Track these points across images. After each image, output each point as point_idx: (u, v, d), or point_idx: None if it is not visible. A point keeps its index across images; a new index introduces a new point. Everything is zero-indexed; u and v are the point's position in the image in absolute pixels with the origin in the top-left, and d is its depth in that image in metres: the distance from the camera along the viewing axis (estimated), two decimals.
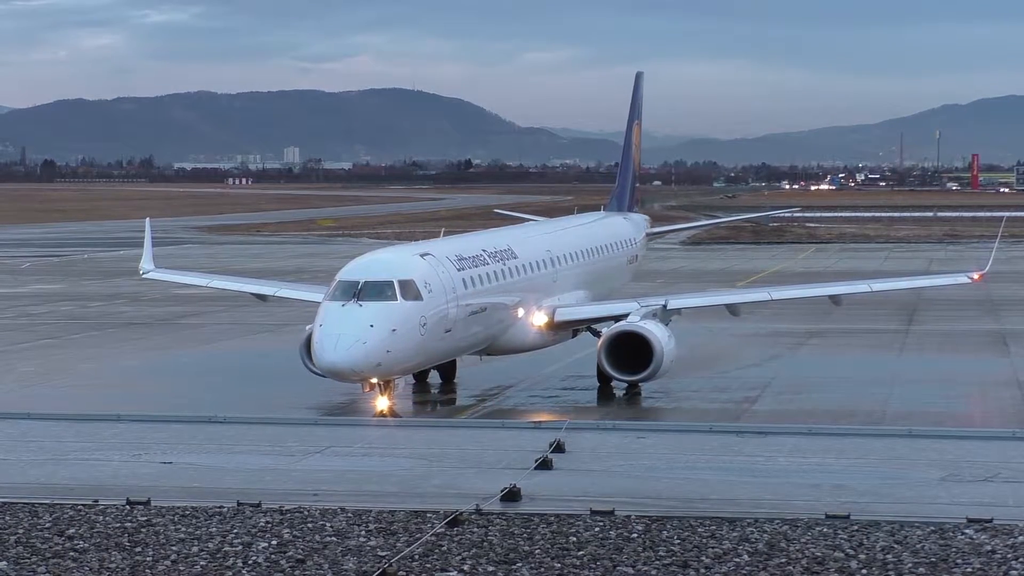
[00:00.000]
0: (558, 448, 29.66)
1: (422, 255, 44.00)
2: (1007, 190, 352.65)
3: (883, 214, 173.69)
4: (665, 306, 50.41)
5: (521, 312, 49.12)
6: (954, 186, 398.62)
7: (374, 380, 40.46)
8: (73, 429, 33.68)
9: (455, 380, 51.54)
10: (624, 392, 49.20)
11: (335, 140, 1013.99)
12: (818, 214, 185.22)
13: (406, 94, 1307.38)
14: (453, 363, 51.58)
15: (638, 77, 72.20)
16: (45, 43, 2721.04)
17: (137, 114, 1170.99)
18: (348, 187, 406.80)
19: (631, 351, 47.04)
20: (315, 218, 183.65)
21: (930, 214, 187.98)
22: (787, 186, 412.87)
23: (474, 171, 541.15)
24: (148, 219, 61.46)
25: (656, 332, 47.29)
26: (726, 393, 50.59)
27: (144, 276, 59.11)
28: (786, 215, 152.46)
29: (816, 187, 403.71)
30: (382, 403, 40.66)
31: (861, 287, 57.36)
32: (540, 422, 36.01)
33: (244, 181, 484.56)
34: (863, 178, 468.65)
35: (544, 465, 28.35)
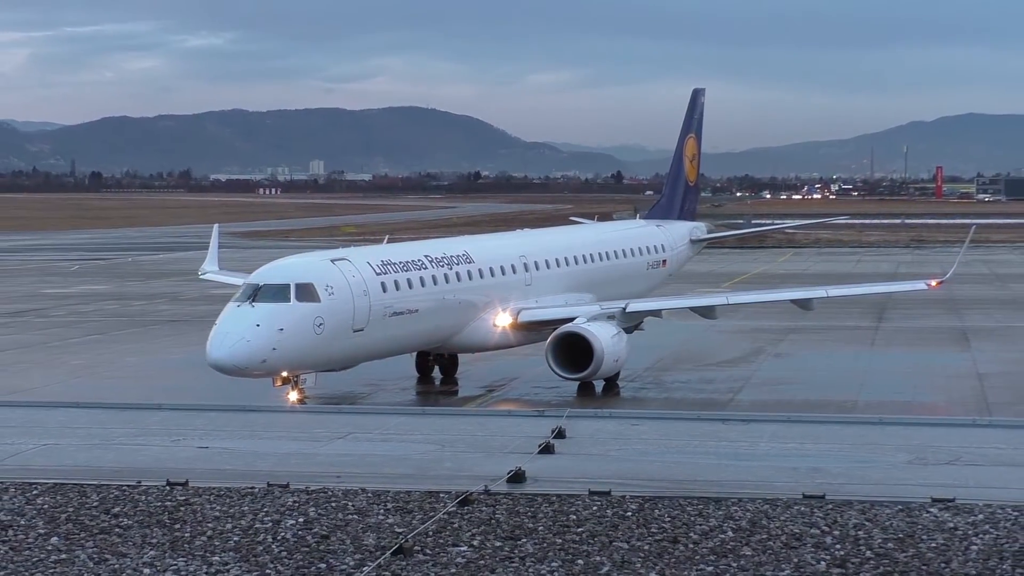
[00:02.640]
0: (559, 434, 29.65)
1: (334, 260, 43.49)
2: (988, 198, 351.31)
3: (855, 220, 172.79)
4: (624, 309, 49.89)
5: (478, 313, 48.38)
6: (917, 194, 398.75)
7: (280, 375, 40.73)
8: (118, 417, 33.70)
9: (456, 375, 51.51)
10: (601, 389, 48.99)
11: (356, 153, 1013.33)
12: (866, 220, 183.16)
13: (421, 112, 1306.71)
14: (454, 360, 51.60)
15: (696, 94, 70.42)
16: (93, 66, 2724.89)
17: (176, 130, 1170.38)
18: (368, 196, 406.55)
19: (578, 351, 46.55)
20: (338, 225, 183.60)
21: (898, 221, 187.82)
22: (767, 195, 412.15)
23: (483, 182, 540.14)
24: (217, 225, 61.55)
25: (598, 333, 46.65)
26: (712, 384, 50.60)
27: (201, 277, 59.35)
28: (839, 221, 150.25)
29: (811, 196, 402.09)
30: (293, 395, 40.87)
31: (819, 292, 55.06)
32: (543, 410, 36.00)
33: (273, 191, 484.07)
34: (837, 188, 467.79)
35: (547, 450, 28.34)
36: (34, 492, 25.06)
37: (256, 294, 40.83)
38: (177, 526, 22.76)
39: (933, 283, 53.87)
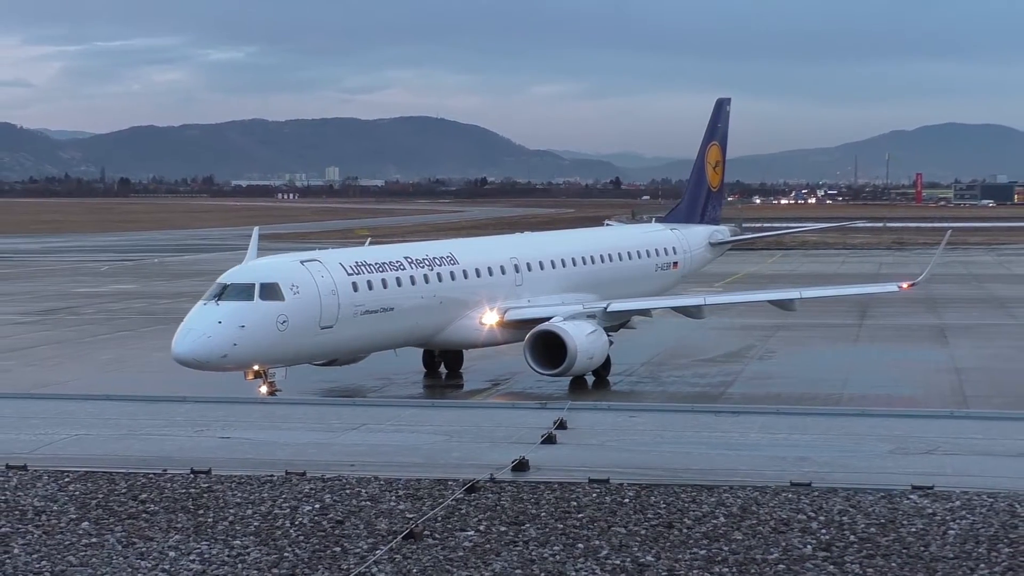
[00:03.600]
0: (561, 425, 29.63)
1: (303, 261, 43.48)
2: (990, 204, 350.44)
3: (873, 224, 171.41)
4: (606, 309, 49.46)
5: (463, 311, 48.13)
6: (899, 199, 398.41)
7: (251, 369, 41.04)
8: (145, 409, 33.71)
9: (461, 370, 51.43)
10: (592, 384, 48.88)
11: (370, 161, 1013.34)
12: (903, 224, 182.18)
13: (431, 121, 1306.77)
14: (459, 356, 51.52)
15: (721, 103, 69.46)
16: (122, 78, 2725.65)
17: (200, 138, 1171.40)
18: (381, 201, 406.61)
19: (554, 348, 46.35)
20: (353, 228, 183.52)
21: (880, 224, 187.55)
22: (758, 200, 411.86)
23: (489, 187, 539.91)
24: (257, 228, 61.55)
25: (572, 331, 46.35)
26: (705, 378, 50.62)
27: None
28: (865, 225, 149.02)
29: (799, 201, 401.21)
30: (263, 388, 41.06)
31: (793, 294, 53.83)
32: (545, 403, 35.98)
33: (291, 196, 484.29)
34: (823, 194, 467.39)
35: (549, 440, 28.33)
36: (66, 479, 25.07)
37: (222, 293, 41.27)
38: (201, 512, 22.77)
39: (905, 285, 52.98)
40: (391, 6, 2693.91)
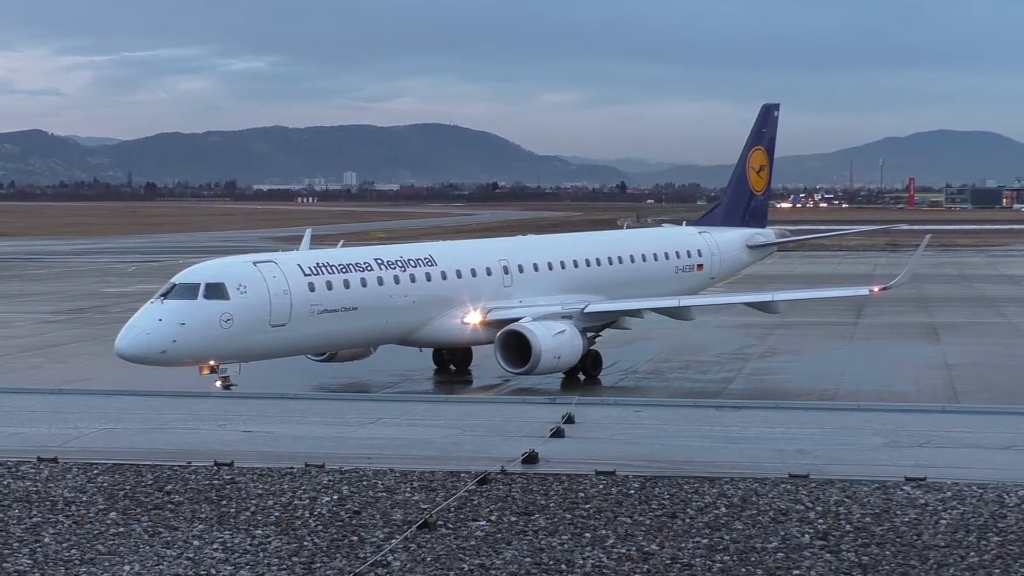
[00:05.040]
0: (569, 420, 29.64)
1: (257, 262, 43.36)
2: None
3: (914, 227, 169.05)
4: (583, 309, 48.74)
5: (441, 311, 47.60)
6: (892, 203, 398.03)
7: (206, 365, 40.99)
8: (170, 404, 33.76)
9: (470, 367, 51.29)
10: (583, 380, 48.61)
11: (385, 166, 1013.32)
12: (929, 227, 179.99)
13: (444, 128, 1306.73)
14: (468, 352, 51.35)
15: (768, 109, 67.16)
16: (148, 87, 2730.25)
17: (222, 144, 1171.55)
18: (396, 205, 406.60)
19: (522, 348, 45.83)
20: (369, 230, 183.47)
21: (875, 227, 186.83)
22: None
23: (499, 192, 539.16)
24: (310, 229, 61.21)
25: (537, 331, 45.78)
26: (707, 375, 50.51)
27: None
28: (908, 228, 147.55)
29: (798, 205, 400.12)
30: (217, 383, 40.91)
31: (766, 296, 52.18)
32: (554, 398, 35.97)
33: (310, 200, 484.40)
34: (819, 198, 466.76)
35: (558, 434, 28.34)
36: (95, 471, 25.11)
37: (169, 292, 41.45)
38: (224, 502, 22.79)
39: (876, 289, 51.46)
40: (405, 19, 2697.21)
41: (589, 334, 49.52)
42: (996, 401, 42.10)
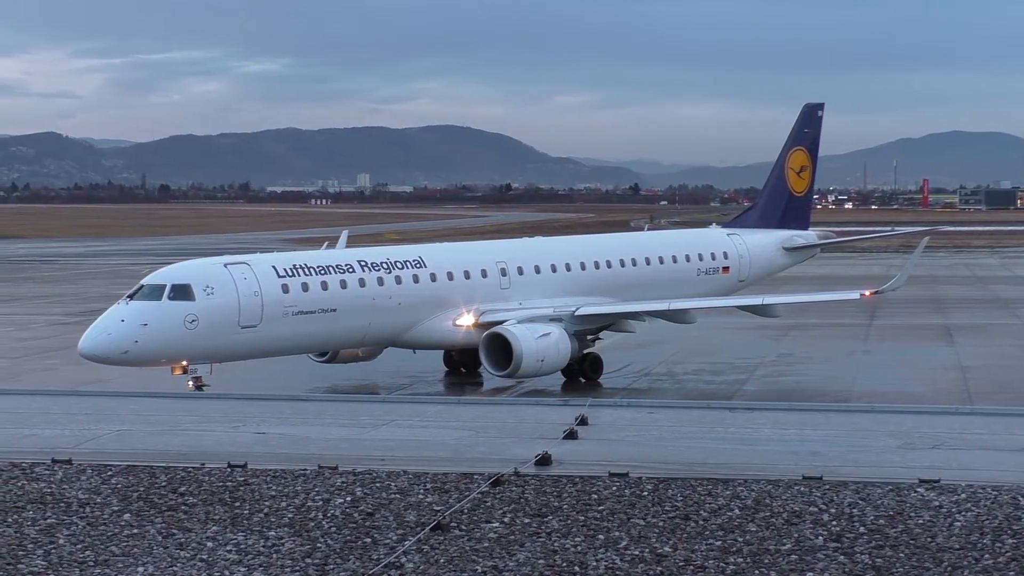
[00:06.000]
0: (582, 421, 29.61)
1: (228, 264, 43.50)
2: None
3: (962, 228, 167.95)
4: (575, 312, 48.39)
5: (430, 313, 47.42)
6: (906, 204, 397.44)
7: (179, 365, 41.58)
8: (183, 405, 33.79)
9: (480, 369, 51.22)
10: (584, 383, 48.49)
11: (399, 168, 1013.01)
12: (975, 228, 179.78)
13: (457, 130, 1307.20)
14: (477, 355, 51.25)
15: (812, 109, 65.77)
16: (162, 89, 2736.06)
17: (236, 146, 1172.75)
18: (409, 206, 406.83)
19: (505, 350, 45.76)
20: (382, 232, 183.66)
21: (888, 229, 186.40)
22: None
23: (513, 193, 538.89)
24: (346, 231, 61.30)
25: (519, 334, 45.58)
26: (721, 376, 50.54)
27: None
28: (953, 229, 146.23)
29: (819, 204, 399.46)
30: (189, 383, 41.37)
31: (755, 300, 51.82)
32: (567, 400, 35.96)
33: (324, 201, 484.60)
34: (833, 199, 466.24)
35: (571, 435, 28.31)
36: (109, 473, 25.14)
37: (136, 293, 41.64)
38: (237, 504, 22.81)
39: (867, 293, 50.77)
40: (419, 21, 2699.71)
41: (589, 337, 49.34)
42: (1011, 403, 42.09)
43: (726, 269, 59.50)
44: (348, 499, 22.99)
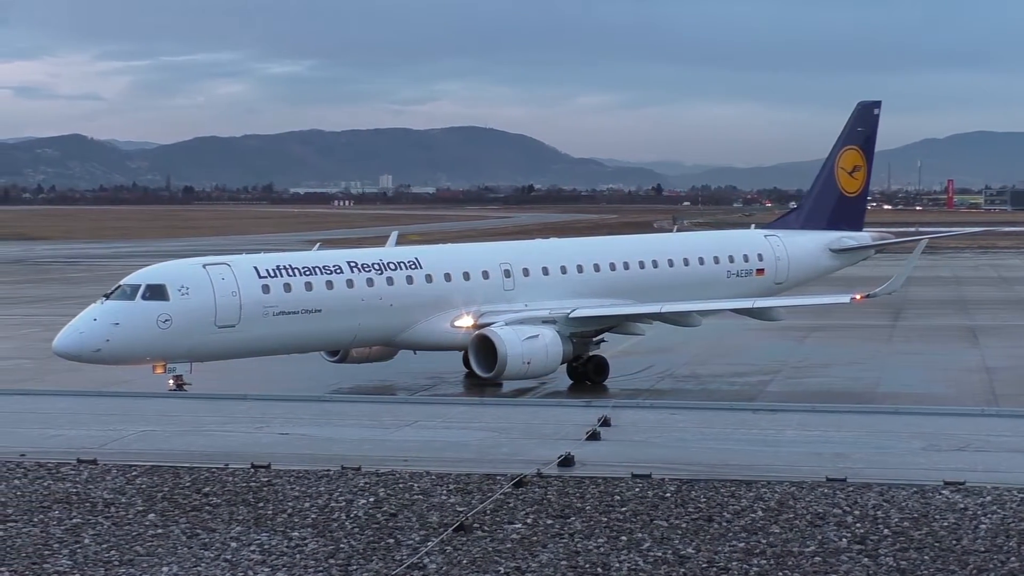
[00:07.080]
0: (605, 422, 29.58)
1: (207, 264, 43.67)
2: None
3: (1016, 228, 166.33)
4: (568, 315, 47.85)
5: (426, 314, 47.15)
6: (931, 204, 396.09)
7: (158, 364, 41.99)
8: (207, 406, 33.86)
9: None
10: (588, 383, 48.29)
11: (421, 169, 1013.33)
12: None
13: (480, 131, 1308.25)
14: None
15: (867, 107, 64.32)
16: (186, 91, 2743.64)
17: (260, 148, 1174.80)
18: (432, 207, 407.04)
19: (491, 352, 45.56)
20: (405, 233, 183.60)
21: (912, 229, 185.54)
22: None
23: (535, 194, 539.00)
24: (395, 232, 61.26)
25: (505, 336, 45.28)
26: (744, 377, 50.46)
27: None
28: (1012, 230, 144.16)
29: None
30: (170, 382, 41.75)
31: (746, 304, 51.17)
32: (590, 401, 35.94)
33: (347, 203, 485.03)
34: None
35: (594, 436, 28.28)
36: (133, 473, 25.21)
37: (112, 293, 41.92)
38: (261, 504, 22.85)
39: (858, 296, 49.12)
40: (441, 22, 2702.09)
41: (594, 339, 48.96)
42: None
43: (760, 271, 57.88)
44: (371, 500, 23.01)
